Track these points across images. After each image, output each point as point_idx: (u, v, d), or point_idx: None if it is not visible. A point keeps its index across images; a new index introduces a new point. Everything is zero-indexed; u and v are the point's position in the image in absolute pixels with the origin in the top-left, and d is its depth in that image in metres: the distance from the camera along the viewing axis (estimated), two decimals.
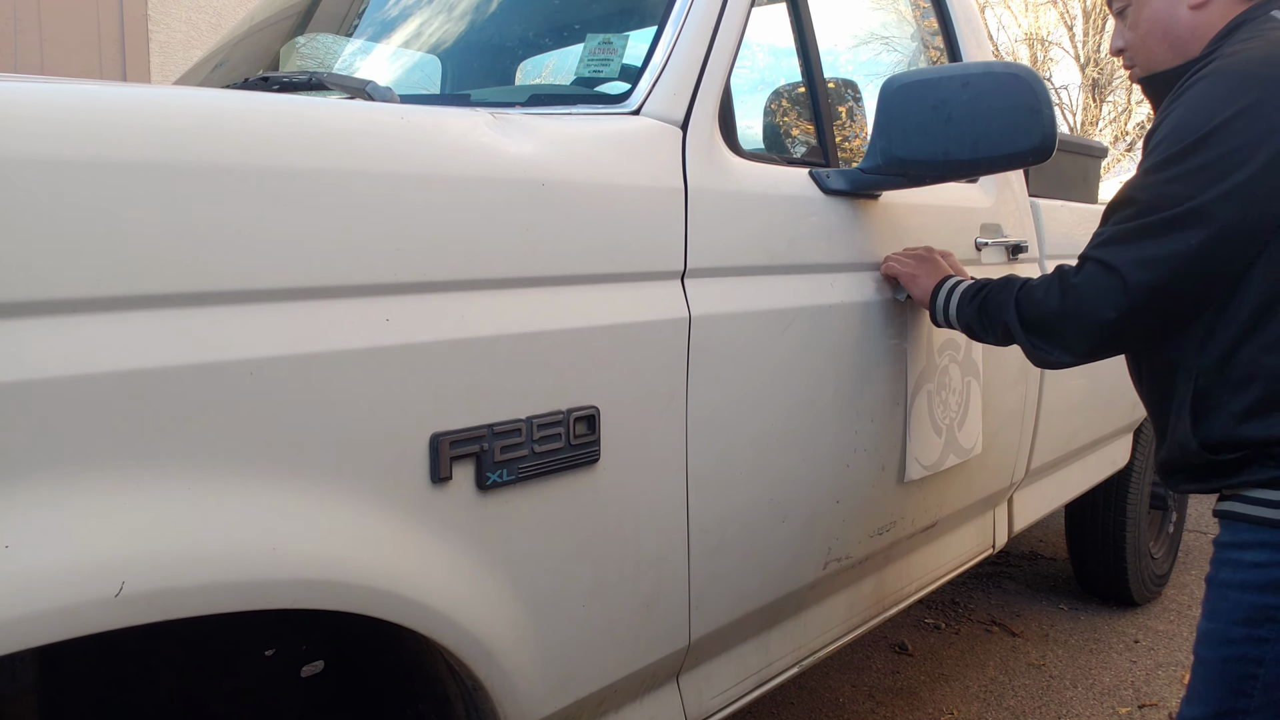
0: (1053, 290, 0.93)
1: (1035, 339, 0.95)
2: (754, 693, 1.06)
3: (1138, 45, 0.99)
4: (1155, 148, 0.87)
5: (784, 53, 1.19)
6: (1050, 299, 0.93)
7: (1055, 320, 0.93)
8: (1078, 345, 0.92)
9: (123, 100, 0.57)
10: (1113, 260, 0.86)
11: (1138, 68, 1.00)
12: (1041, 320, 0.94)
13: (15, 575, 0.48)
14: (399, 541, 0.65)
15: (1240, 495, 0.84)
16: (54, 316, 0.50)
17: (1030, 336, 0.96)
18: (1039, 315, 0.94)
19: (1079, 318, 0.90)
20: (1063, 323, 0.92)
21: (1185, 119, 0.84)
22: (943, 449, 1.27)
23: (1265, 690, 0.80)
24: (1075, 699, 1.77)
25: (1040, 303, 0.94)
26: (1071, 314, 0.91)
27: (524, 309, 0.73)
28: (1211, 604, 0.86)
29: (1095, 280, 0.88)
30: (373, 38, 1.29)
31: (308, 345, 0.60)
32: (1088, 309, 0.88)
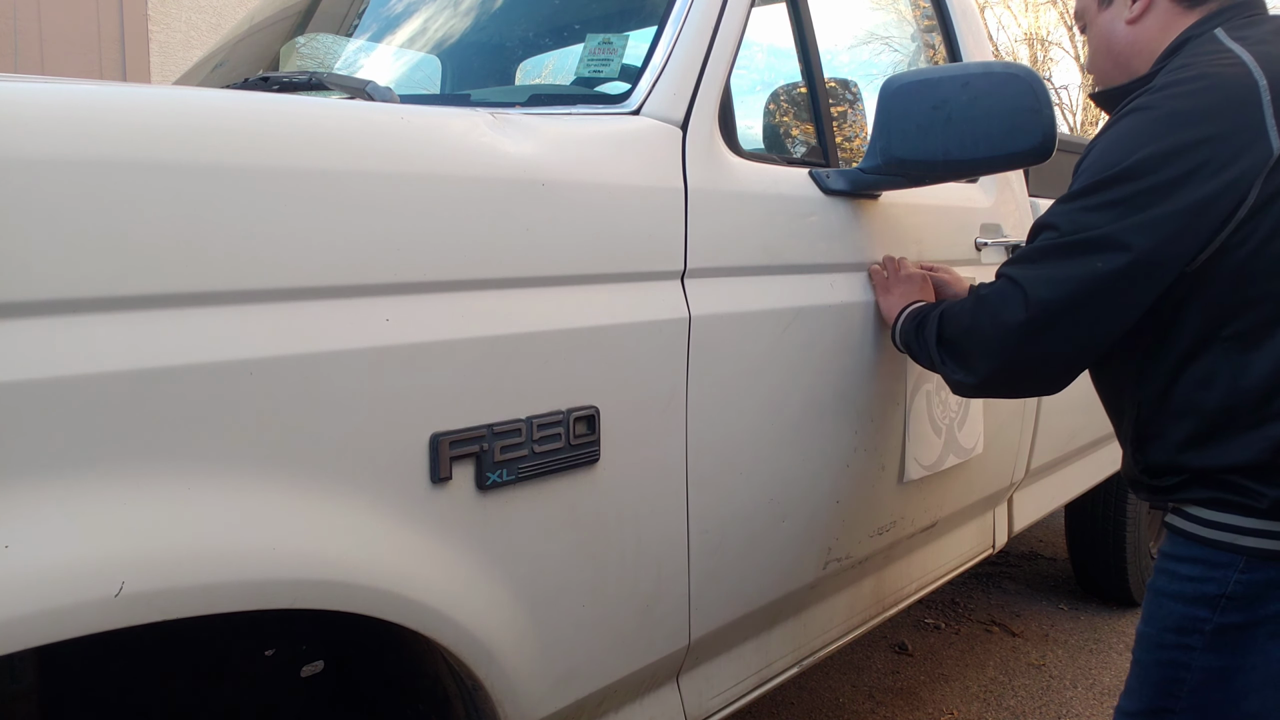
0: (966, 304, 0.93)
1: (945, 355, 0.94)
2: (754, 693, 1.06)
3: (1090, 62, 1.00)
4: (1079, 175, 0.87)
5: (784, 53, 1.19)
6: (963, 313, 0.92)
7: (963, 335, 0.92)
8: (980, 364, 0.90)
9: (123, 100, 0.57)
10: (1018, 276, 0.86)
11: (1094, 81, 1.01)
12: (953, 336, 0.93)
13: (15, 575, 0.48)
14: (399, 541, 0.65)
15: (1182, 511, 0.86)
16: (54, 316, 0.50)
17: (941, 351, 0.95)
18: (952, 330, 0.94)
19: (981, 330, 0.89)
20: (969, 337, 0.91)
21: (1110, 150, 0.84)
22: (942, 449, 1.27)
23: (1191, 694, 0.83)
24: (1075, 699, 1.77)
25: (955, 317, 0.93)
26: (977, 327, 0.90)
27: (524, 309, 0.73)
28: (1149, 609, 0.88)
29: (1000, 293, 0.87)
30: (373, 38, 1.29)
31: (308, 345, 0.60)
32: (988, 321, 0.88)
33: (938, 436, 1.26)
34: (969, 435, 1.34)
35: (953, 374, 0.94)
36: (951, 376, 0.94)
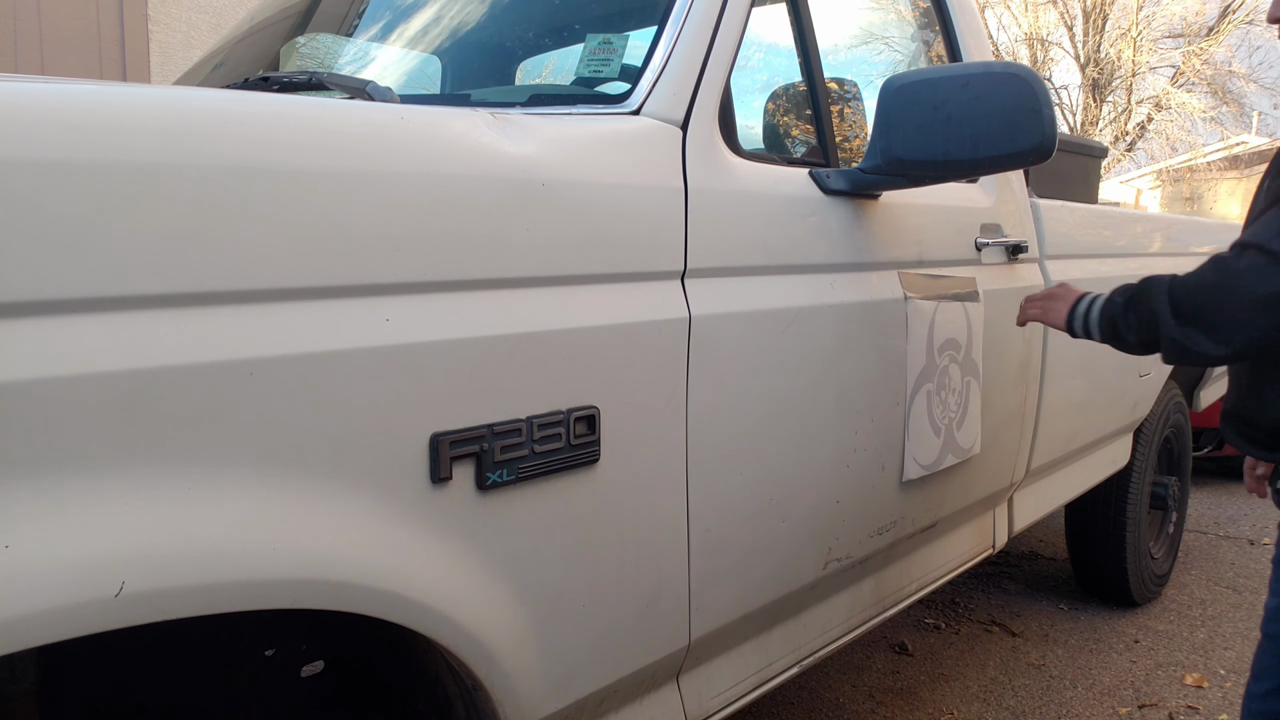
0: (1207, 272, 0.91)
1: (1187, 327, 0.92)
2: (754, 693, 1.06)
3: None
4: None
5: (784, 52, 1.18)
6: (1205, 279, 0.91)
7: (1210, 302, 0.90)
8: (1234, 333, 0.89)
9: (123, 100, 0.57)
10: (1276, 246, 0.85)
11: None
12: (1196, 304, 0.91)
13: (15, 575, 0.48)
14: (399, 541, 0.65)
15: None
16: (54, 316, 0.50)
17: (1182, 326, 0.93)
18: (1194, 299, 0.92)
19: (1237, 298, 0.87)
20: (1218, 305, 0.89)
21: None
22: (941, 449, 1.27)
23: None
24: (1075, 699, 1.77)
25: (1195, 285, 0.92)
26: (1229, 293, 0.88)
27: (524, 309, 0.73)
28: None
29: (1256, 265, 0.86)
30: (373, 38, 1.29)
31: (308, 345, 0.60)
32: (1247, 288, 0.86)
33: (937, 436, 1.26)
34: (967, 435, 1.34)
35: (1195, 344, 0.92)
36: (1194, 348, 0.93)
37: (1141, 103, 13.84)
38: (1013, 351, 1.47)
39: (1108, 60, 13.69)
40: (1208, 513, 3.06)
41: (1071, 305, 1.08)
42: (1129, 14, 13.50)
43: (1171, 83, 13.54)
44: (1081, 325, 1.07)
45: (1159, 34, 13.59)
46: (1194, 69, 13.05)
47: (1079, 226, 1.79)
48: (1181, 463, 2.42)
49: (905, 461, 1.19)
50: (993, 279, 1.41)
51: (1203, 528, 2.89)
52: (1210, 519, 2.99)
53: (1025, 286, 1.51)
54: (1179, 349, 0.94)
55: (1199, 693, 1.79)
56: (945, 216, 1.33)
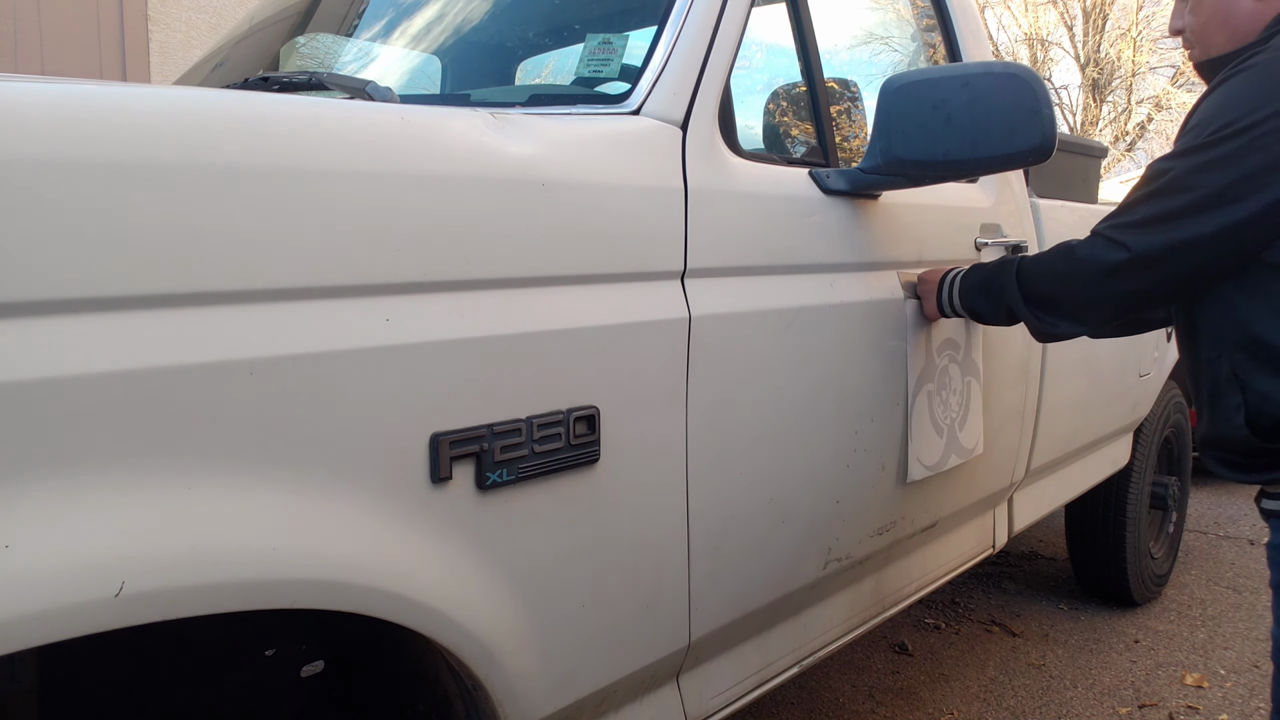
0: (1056, 260, 0.97)
1: (1039, 312, 0.99)
2: (754, 693, 1.06)
3: (1198, 30, 1.00)
4: (1187, 134, 0.89)
5: (784, 53, 1.19)
6: (1053, 268, 0.97)
7: (1059, 290, 0.97)
8: (1079, 317, 0.97)
9: (123, 100, 0.57)
10: (1123, 238, 0.90)
11: (1196, 50, 1.02)
12: (1045, 291, 0.98)
13: (15, 575, 0.48)
14: (399, 541, 0.65)
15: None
16: (54, 316, 0.50)
17: (1035, 310, 0.99)
18: (1041, 289, 0.98)
19: (1079, 285, 0.94)
20: (1066, 291, 0.96)
21: (1220, 109, 0.86)
22: (944, 449, 1.27)
23: None
24: (1075, 699, 1.77)
25: (1042, 275, 0.98)
26: (1071, 283, 0.95)
27: (524, 309, 0.73)
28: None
29: (1099, 251, 0.92)
30: (373, 38, 1.29)
31: (308, 345, 0.60)
32: (1087, 275, 0.93)
33: (940, 436, 1.26)
34: (970, 435, 1.34)
35: (1053, 326, 0.99)
36: (1051, 329, 1.00)
37: (1141, 103, 13.84)
38: (1012, 351, 1.47)
39: (1108, 60, 13.69)
40: (1208, 513, 3.06)
41: (935, 295, 1.14)
42: (1129, 14, 13.50)
43: (1172, 83, 13.54)
44: (949, 307, 1.13)
45: (1159, 34, 13.59)
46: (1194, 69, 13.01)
47: (1079, 226, 1.78)
48: (1181, 463, 2.42)
49: (909, 462, 1.19)
50: None
51: (1203, 528, 2.89)
52: (1210, 519, 2.99)
53: None
54: (1043, 333, 1.03)
55: (1199, 693, 1.79)
56: (945, 216, 1.33)
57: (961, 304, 1.11)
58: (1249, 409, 0.88)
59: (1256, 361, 0.88)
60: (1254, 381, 0.88)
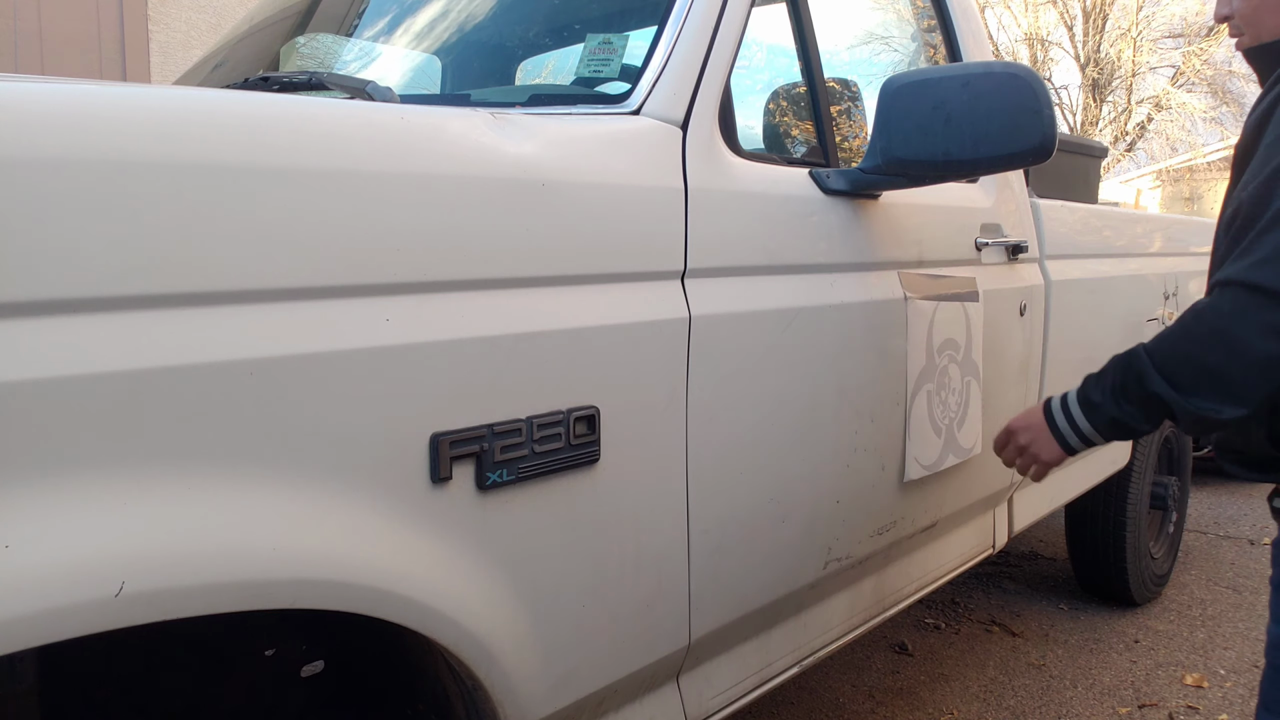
0: (1193, 335, 0.82)
1: (1194, 400, 0.82)
2: (754, 693, 1.06)
3: (1248, 14, 0.94)
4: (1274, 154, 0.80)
5: (784, 52, 1.18)
6: (1197, 345, 0.81)
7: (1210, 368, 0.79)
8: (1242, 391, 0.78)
9: (123, 100, 0.57)
10: (1263, 281, 0.77)
11: (1245, 36, 0.95)
12: (1195, 375, 0.81)
13: (15, 575, 0.48)
14: (399, 541, 0.65)
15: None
16: (54, 316, 0.50)
17: (1189, 399, 0.82)
18: (1190, 370, 0.81)
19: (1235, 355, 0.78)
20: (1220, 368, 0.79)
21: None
22: (942, 449, 1.27)
23: None
24: (1075, 699, 1.77)
25: (1185, 358, 0.82)
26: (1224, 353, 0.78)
27: (524, 309, 0.73)
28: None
29: (1241, 301, 0.78)
30: (373, 38, 1.29)
31: (308, 345, 0.60)
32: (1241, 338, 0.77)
33: (938, 436, 1.26)
34: (968, 435, 1.34)
35: (1216, 412, 0.81)
36: (1215, 416, 0.81)
37: (1141, 103, 13.84)
38: (1012, 351, 1.47)
39: (1108, 60, 13.69)
40: (1208, 513, 3.06)
41: (1049, 430, 0.96)
42: (1129, 14, 13.50)
43: (1171, 83, 13.54)
44: (1079, 441, 0.95)
45: (1159, 34, 13.59)
46: (1194, 69, 13.06)
47: (1079, 226, 1.79)
48: (1181, 463, 2.42)
49: (906, 462, 1.19)
50: (993, 279, 1.41)
51: (1203, 528, 2.89)
52: (1210, 519, 2.99)
53: (1025, 286, 1.51)
54: (1199, 420, 0.83)
55: (1199, 693, 1.79)
56: (945, 216, 1.33)
57: (1093, 425, 0.92)
58: (1274, 426, 0.86)
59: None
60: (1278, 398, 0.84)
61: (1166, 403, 0.84)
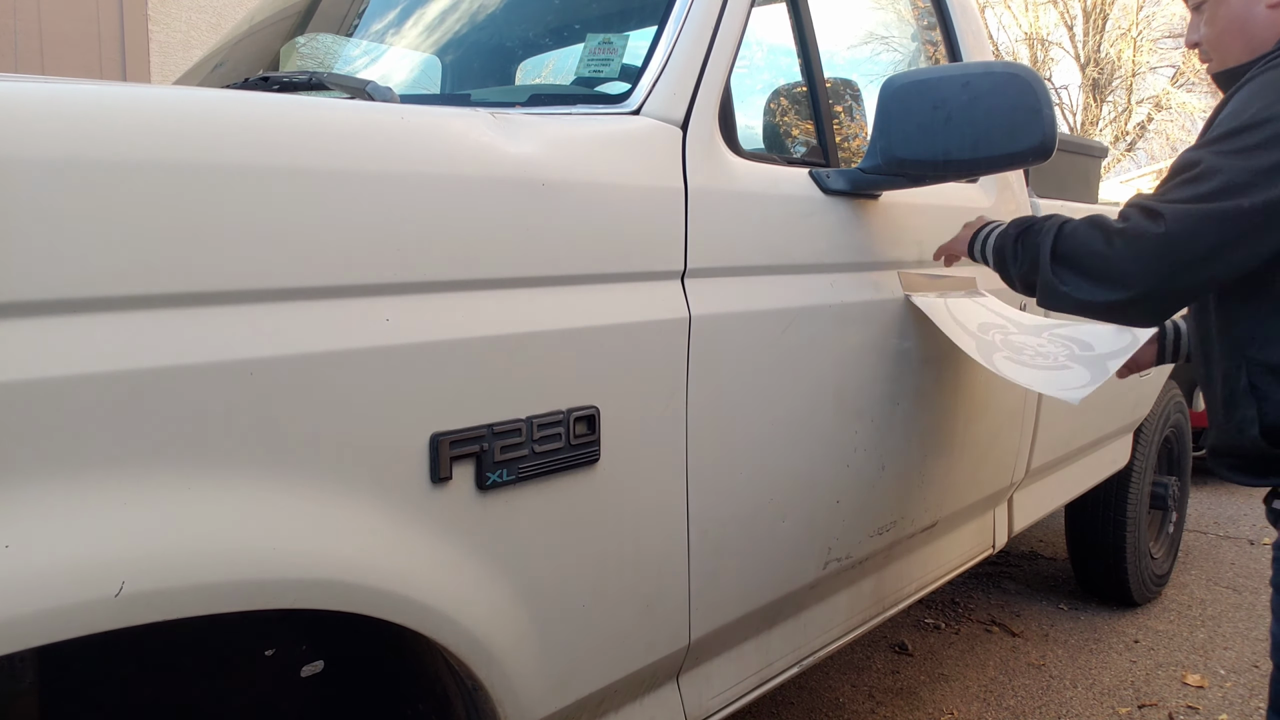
0: (1095, 227, 0.93)
1: (1059, 269, 0.94)
2: (754, 693, 1.06)
3: (1214, 41, 1.00)
4: (1216, 125, 0.89)
5: (784, 52, 1.18)
6: (1087, 234, 0.92)
7: (1089, 254, 0.91)
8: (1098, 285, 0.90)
9: (122, 100, 0.56)
10: (1159, 207, 0.88)
11: (1214, 61, 1.02)
12: (1073, 252, 0.93)
13: (15, 575, 0.48)
14: (399, 541, 0.65)
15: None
16: (54, 316, 0.50)
17: (1055, 267, 0.94)
18: (1071, 247, 0.93)
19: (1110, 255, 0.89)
20: (1092, 257, 0.91)
21: (1249, 101, 0.87)
22: (1071, 369, 1.18)
23: None
24: (1075, 699, 1.77)
25: (1076, 235, 0.93)
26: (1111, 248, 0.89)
27: (524, 309, 0.73)
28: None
29: (1135, 217, 0.89)
30: (373, 38, 1.29)
31: (307, 345, 0.60)
32: (1125, 243, 0.88)
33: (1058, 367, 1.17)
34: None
35: (1074, 291, 0.93)
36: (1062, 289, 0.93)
37: (1142, 103, 13.84)
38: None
39: (1108, 60, 13.69)
40: (1208, 512, 3.06)
41: (975, 230, 1.11)
42: (1129, 14, 13.50)
43: (1172, 83, 13.54)
44: (980, 250, 1.08)
45: (1159, 34, 13.59)
46: (1194, 69, 13.06)
47: None
48: (1181, 463, 2.42)
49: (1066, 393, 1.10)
50: (994, 278, 1.41)
51: (1203, 528, 2.89)
52: (1210, 519, 2.99)
53: None
54: (1053, 291, 0.95)
55: (1199, 693, 1.79)
56: (945, 216, 1.33)
57: (995, 244, 1.05)
58: (1264, 421, 0.89)
59: (1274, 375, 0.89)
60: (1272, 394, 0.89)
61: (1039, 261, 0.96)
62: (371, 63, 1.24)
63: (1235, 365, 0.91)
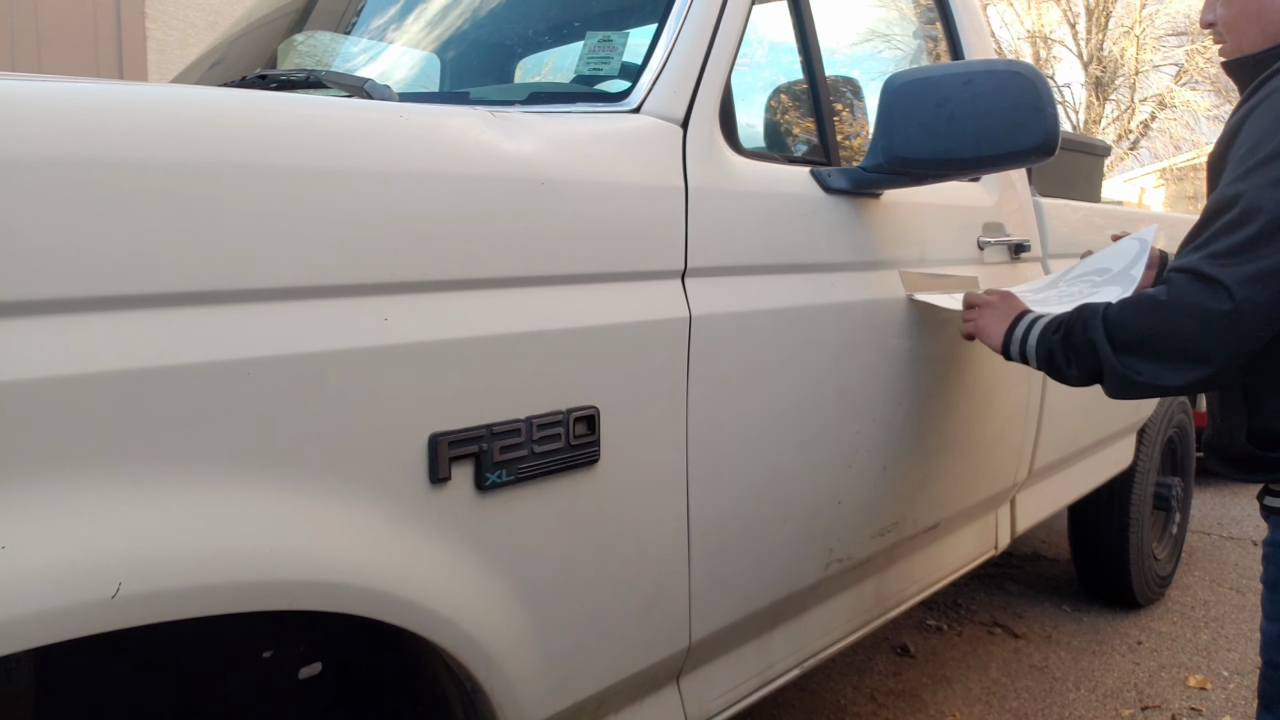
0: (1144, 304, 0.90)
1: (1126, 359, 0.90)
2: (755, 694, 1.06)
3: (1229, 22, 0.98)
4: (1247, 153, 0.85)
5: (785, 50, 1.18)
6: (1149, 316, 0.88)
7: (1155, 337, 0.87)
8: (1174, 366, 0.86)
9: (120, 99, 0.56)
10: (1214, 272, 0.83)
11: (1228, 44, 0.99)
12: (1134, 338, 0.89)
13: (13, 576, 0.47)
14: (397, 542, 0.64)
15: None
16: (54, 316, 0.50)
17: (1121, 357, 0.90)
18: (1132, 332, 0.89)
19: (1178, 335, 0.85)
20: (1159, 340, 0.87)
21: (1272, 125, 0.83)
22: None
23: None
24: (1078, 701, 1.76)
25: (1132, 319, 0.90)
26: (1169, 329, 0.85)
27: (524, 308, 0.73)
28: (1279, 605, 0.87)
29: (1196, 290, 0.84)
30: (371, 35, 1.29)
31: (306, 345, 0.59)
32: (1190, 321, 0.84)
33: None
34: None
35: (1138, 375, 0.89)
36: (1136, 378, 0.89)
37: (1145, 101, 13.81)
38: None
39: (1111, 58, 13.66)
40: (1211, 514, 3.05)
41: (1009, 328, 1.04)
42: (1132, 11, 13.47)
43: (1175, 80, 13.51)
44: (1019, 352, 1.03)
45: (1162, 31, 13.56)
46: (1197, 67, 13.03)
47: (1082, 225, 1.78)
48: (1185, 463, 2.41)
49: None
50: (995, 278, 1.41)
51: (1206, 529, 2.88)
52: (1214, 520, 2.98)
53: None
54: (1125, 380, 0.91)
55: (1202, 694, 1.79)
56: (947, 215, 1.32)
57: (1037, 348, 0.99)
58: (1253, 425, 0.89)
59: (1266, 380, 0.88)
60: (1264, 399, 0.88)
61: (1099, 354, 0.92)
62: (370, 60, 1.23)
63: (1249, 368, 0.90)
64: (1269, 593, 0.89)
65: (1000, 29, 13.91)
